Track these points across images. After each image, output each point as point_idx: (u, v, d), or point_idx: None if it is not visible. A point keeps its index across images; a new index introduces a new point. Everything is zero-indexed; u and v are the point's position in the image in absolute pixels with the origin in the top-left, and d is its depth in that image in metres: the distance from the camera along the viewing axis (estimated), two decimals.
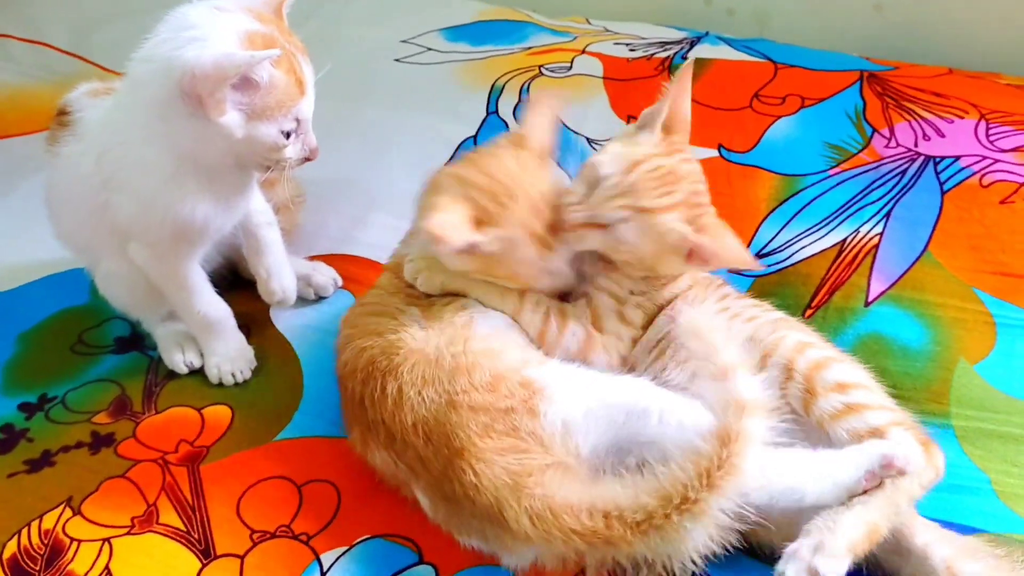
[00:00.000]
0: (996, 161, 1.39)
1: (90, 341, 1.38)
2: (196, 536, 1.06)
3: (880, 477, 0.94)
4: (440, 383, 1.00)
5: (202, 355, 1.30)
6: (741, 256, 1.08)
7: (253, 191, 1.25)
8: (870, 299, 1.28)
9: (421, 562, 1.03)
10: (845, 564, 0.89)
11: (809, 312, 1.29)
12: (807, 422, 1.00)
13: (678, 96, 1.11)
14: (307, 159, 1.17)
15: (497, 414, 0.97)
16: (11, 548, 1.05)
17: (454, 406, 0.98)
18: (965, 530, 1.03)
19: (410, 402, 1.01)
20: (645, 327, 1.13)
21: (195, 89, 1.01)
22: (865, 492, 0.94)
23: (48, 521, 1.08)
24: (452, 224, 1.03)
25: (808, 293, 1.30)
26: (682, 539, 0.89)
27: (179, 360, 1.30)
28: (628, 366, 1.10)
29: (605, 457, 0.98)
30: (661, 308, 1.14)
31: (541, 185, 1.09)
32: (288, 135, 1.11)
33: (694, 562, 0.91)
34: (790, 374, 1.01)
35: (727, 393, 0.88)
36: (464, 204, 1.05)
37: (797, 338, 1.05)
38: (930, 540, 0.96)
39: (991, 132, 1.45)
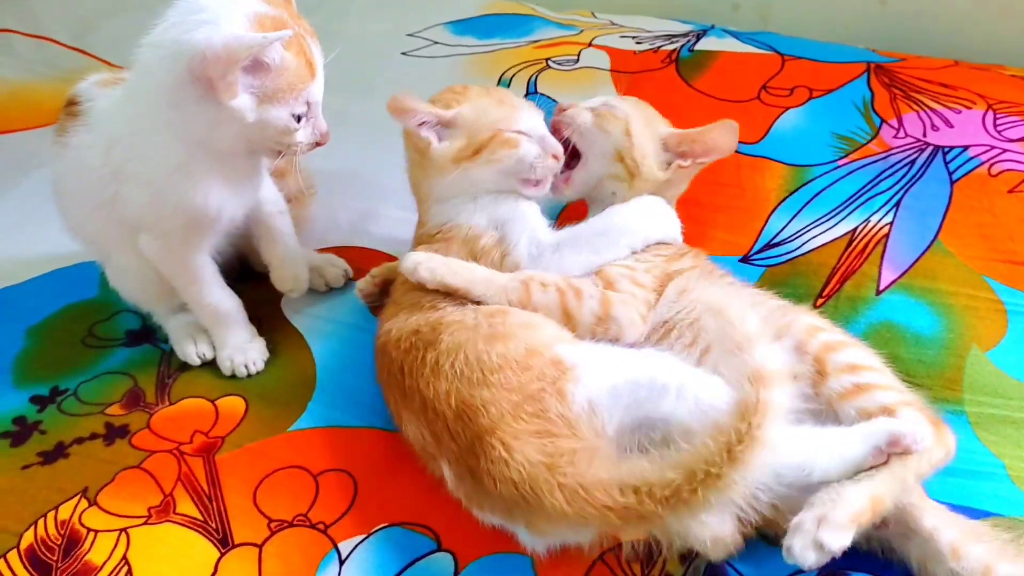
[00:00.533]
0: (1004, 151, 1.40)
1: (101, 334, 1.38)
2: (214, 525, 1.06)
3: (887, 454, 0.94)
4: (476, 350, 1.02)
5: (214, 347, 1.30)
6: (714, 136, 1.24)
7: (263, 178, 1.25)
8: (881, 288, 1.28)
9: (440, 549, 1.03)
10: (849, 535, 0.90)
11: (820, 301, 1.29)
12: (816, 402, 1.01)
13: None
14: (318, 144, 1.17)
15: (527, 395, 0.98)
16: (28, 539, 1.05)
17: (487, 384, 1.00)
18: (980, 515, 1.03)
19: (444, 371, 1.03)
20: (658, 292, 1.15)
21: (206, 72, 1.01)
22: (872, 468, 0.94)
23: (64, 512, 1.08)
24: (412, 101, 1.18)
25: (819, 282, 1.31)
26: (710, 512, 0.90)
27: (192, 352, 1.29)
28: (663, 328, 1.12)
29: (631, 434, 0.98)
30: (670, 277, 1.16)
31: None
32: (299, 119, 1.11)
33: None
34: (801, 356, 1.01)
35: (747, 365, 0.88)
36: (427, 101, 1.22)
37: (809, 321, 1.06)
38: (938, 523, 0.96)
39: (999, 122, 1.45)
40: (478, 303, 1.10)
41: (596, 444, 0.96)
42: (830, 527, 0.89)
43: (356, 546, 1.04)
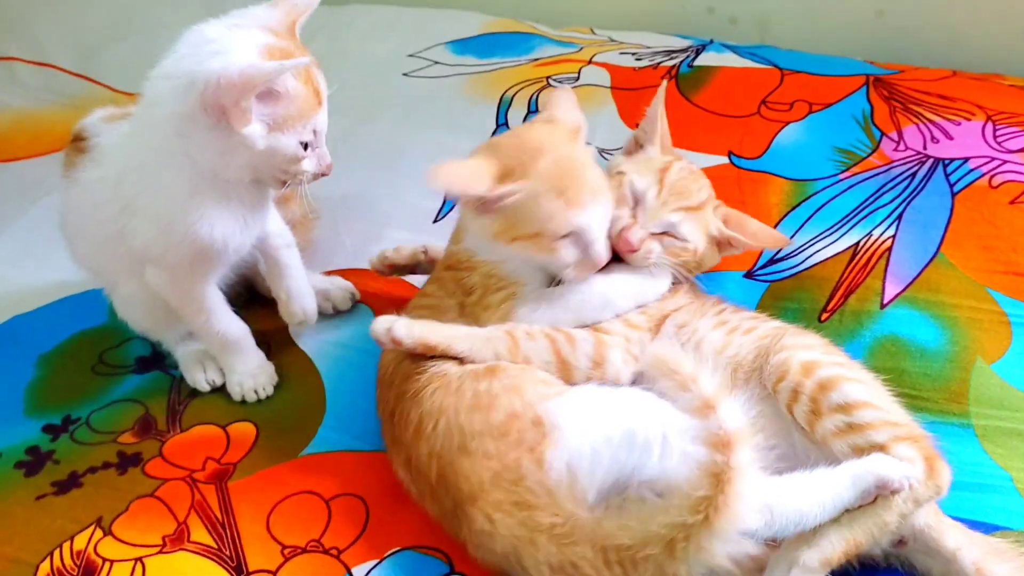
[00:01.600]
0: (1005, 162, 1.41)
1: (111, 361, 1.39)
2: (228, 553, 1.07)
3: (875, 495, 0.95)
4: (458, 419, 1.01)
5: (223, 373, 1.31)
6: (770, 236, 1.24)
7: (269, 209, 1.26)
8: (885, 301, 1.29)
9: (452, 572, 1.04)
10: None
11: (825, 316, 1.30)
12: (811, 438, 1.02)
13: (662, 116, 1.26)
14: (322, 174, 1.18)
15: (506, 464, 0.98)
16: (44, 570, 1.06)
17: (467, 451, 1.00)
18: (989, 528, 1.04)
19: (427, 434, 1.03)
20: (654, 330, 1.15)
21: (219, 99, 1.02)
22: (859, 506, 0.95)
23: (79, 542, 1.09)
24: (469, 173, 1.05)
25: (824, 296, 1.32)
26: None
27: (201, 379, 1.31)
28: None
29: (608, 496, 0.98)
30: (665, 316, 1.16)
31: (571, 151, 1.11)
32: (306, 147, 1.12)
33: None
34: (797, 396, 1.02)
35: (714, 428, 0.86)
36: (488, 160, 1.07)
37: (804, 358, 1.05)
38: (960, 543, 0.97)
39: (998, 133, 1.46)
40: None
41: (575, 513, 0.95)
42: (800, 569, 0.92)
43: (370, 571, 1.05)
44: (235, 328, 1.28)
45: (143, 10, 2.11)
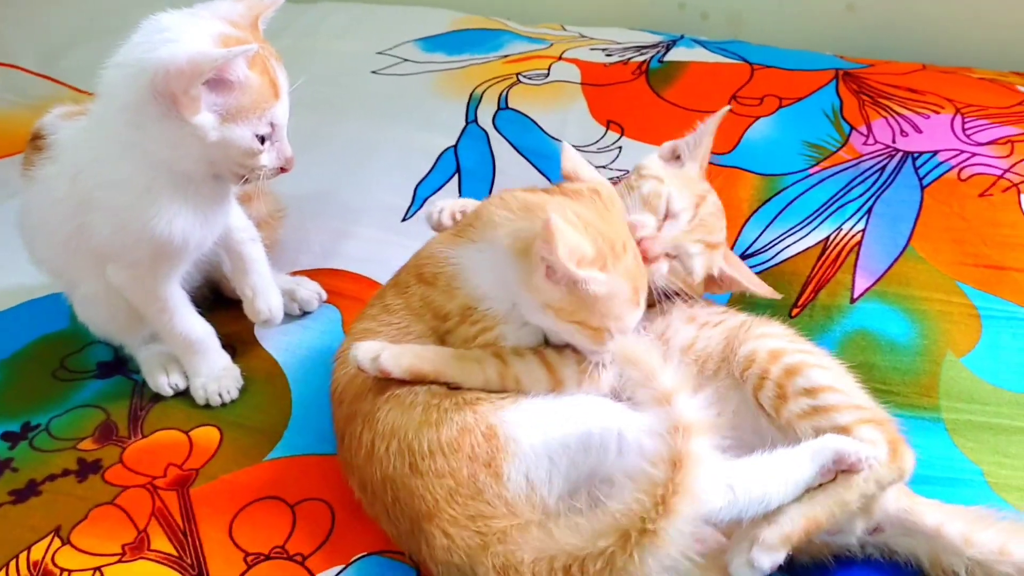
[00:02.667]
0: (973, 155, 1.41)
1: (72, 367, 1.36)
2: (189, 561, 1.05)
3: (834, 472, 0.95)
4: (407, 439, 0.99)
5: (187, 376, 1.28)
6: (760, 287, 1.21)
7: (231, 205, 1.24)
8: (855, 296, 1.28)
9: None
10: (780, 555, 0.92)
11: (796, 311, 1.29)
12: (777, 424, 1.02)
13: (711, 136, 1.24)
14: (283, 169, 1.15)
15: (460, 480, 0.96)
16: None
17: (419, 472, 0.97)
18: None
19: (379, 456, 1.01)
20: None
21: (169, 87, 1.00)
22: (820, 485, 0.95)
23: (36, 552, 1.06)
24: (578, 250, 0.95)
25: (794, 292, 1.31)
26: (639, 570, 0.86)
27: (164, 382, 1.28)
28: None
29: (568, 500, 0.96)
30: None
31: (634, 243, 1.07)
32: (263, 140, 1.10)
33: None
34: (763, 382, 1.02)
35: (671, 417, 0.87)
36: (589, 241, 0.98)
37: (770, 346, 1.06)
38: (941, 518, 0.98)
39: (967, 126, 1.46)
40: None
41: (531, 518, 0.94)
42: (760, 547, 0.92)
43: None
44: (199, 329, 1.26)
45: (109, 11, 2.06)
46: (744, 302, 1.27)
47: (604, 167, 1.52)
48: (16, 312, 1.47)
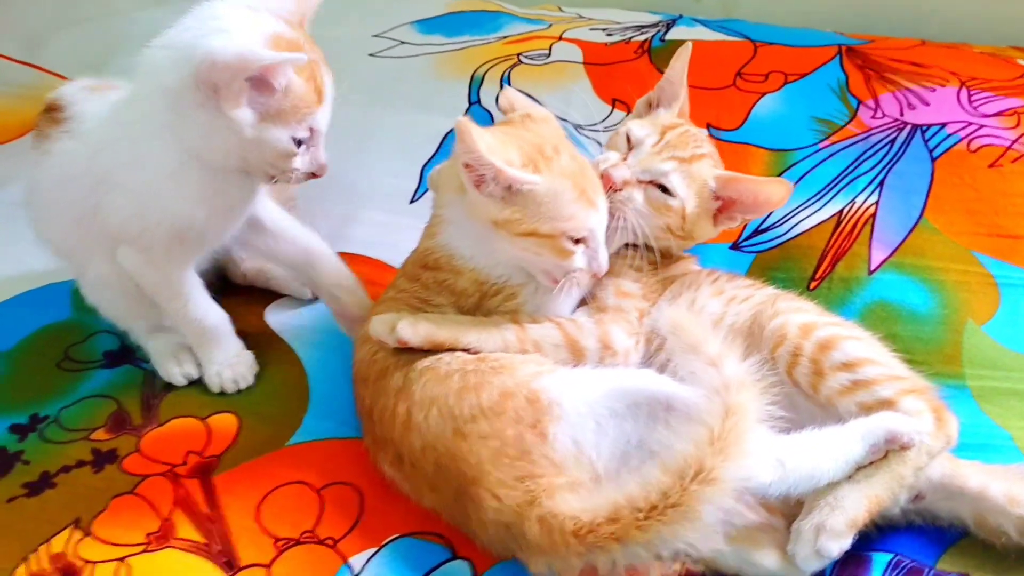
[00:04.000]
0: (981, 127, 1.42)
1: (77, 357, 1.32)
2: (217, 548, 1.02)
3: (885, 450, 0.95)
4: (448, 404, 0.98)
5: (199, 365, 1.25)
6: (768, 183, 1.15)
7: (256, 202, 1.21)
8: (873, 267, 1.29)
9: (455, 557, 1.01)
10: (847, 541, 0.92)
11: (814, 284, 1.29)
12: (815, 401, 1.01)
13: (681, 76, 1.21)
14: (314, 175, 1.13)
15: (505, 440, 0.94)
16: (21, 575, 0.99)
17: (462, 435, 0.96)
18: None
19: (418, 425, 0.99)
20: (651, 300, 1.13)
21: (212, 77, 0.98)
22: (871, 463, 0.95)
23: (57, 544, 1.02)
24: (502, 152, 0.97)
25: (811, 265, 1.31)
26: (697, 515, 0.86)
27: (176, 372, 1.25)
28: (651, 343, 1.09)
29: (619, 465, 0.96)
30: (665, 283, 1.14)
31: (575, 150, 1.07)
32: (299, 143, 1.07)
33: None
34: (797, 359, 1.01)
35: (719, 377, 0.88)
36: (513, 147, 0.99)
37: (800, 320, 1.04)
38: (984, 481, 0.97)
39: (973, 98, 1.47)
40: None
41: (579, 479, 0.93)
42: (828, 535, 0.91)
43: (368, 560, 1.01)
44: (213, 315, 1.23)
45: None
46: (762, 278, 1.27)
47: None
48: (16, 303, 1.43)
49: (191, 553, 1.01)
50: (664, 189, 1.11)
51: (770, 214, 1.35)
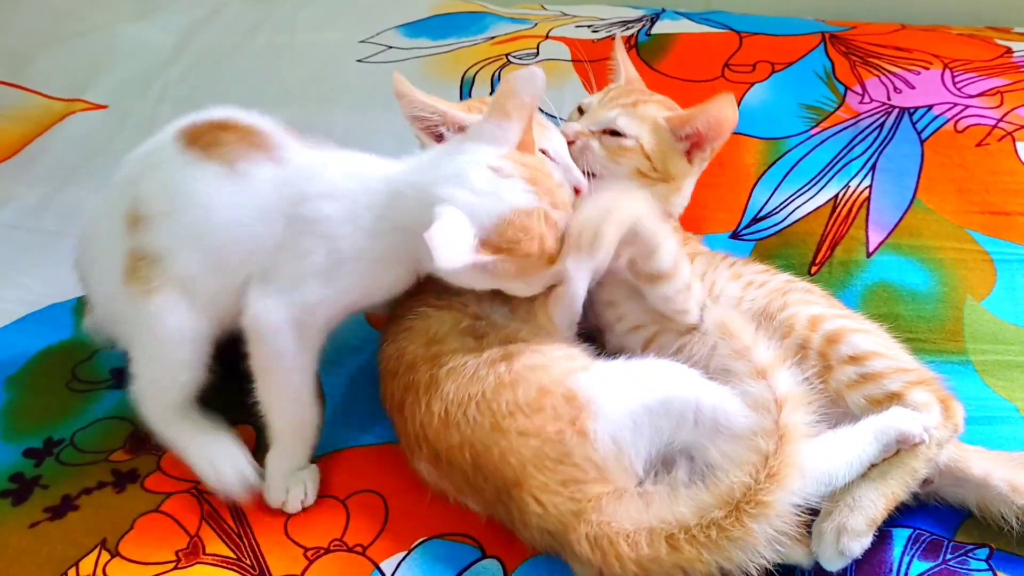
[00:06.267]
0: (967, 107, 1.45)
1: (85, 376, 1.32)
2: (248, 562, 1.03)
3: (896, 449, 0.96)
4: (485, 399, 0.99)
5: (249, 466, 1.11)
6: (715, 107, 1.17)
7: None
8: (871, 250, 1.31)
9: (485, 556, 1.02)
10: (868, 539, 0.94)
11: (814, 269, 1.32)
12: (824, 394, 1.01)
13: (625, 62, 1.35)
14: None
15: (546, 439, 0.95)
16: None
17: (501, 431, 0.97)
18: None
19: (456, 422, 1.00)
20: None
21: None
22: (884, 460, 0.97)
23: (85, 567, 1.02)
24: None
25: (810, 251, 1.34)
26: (753, 542, 0.87)
27: (231, 474, 1.09)
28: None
29: (656, 468, 0.97)
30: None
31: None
32: None
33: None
34: (805, 352, 1.03)
35: (769, 391, 0.89)
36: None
37: (809, 313, 1.07)
38: (987, 468, 0.99)
39: (957, 80, 1.50)
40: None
41: (625, 486, 0.94)
42: (850, 535, 0.93)
43: (399, 564, 1.02)
44: (313, 408, 1.12)
45: (71, 14, 2.01)
46: (764, 256, 1.30)
47: None
48: (15, 328, 1.42)
49: (222, 568, 1.02)
50: (615, 133, 1.18)
51: (766, 213, 1.40)
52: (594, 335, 1.16)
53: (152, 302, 1.06)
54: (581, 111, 1.25)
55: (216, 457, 1.09)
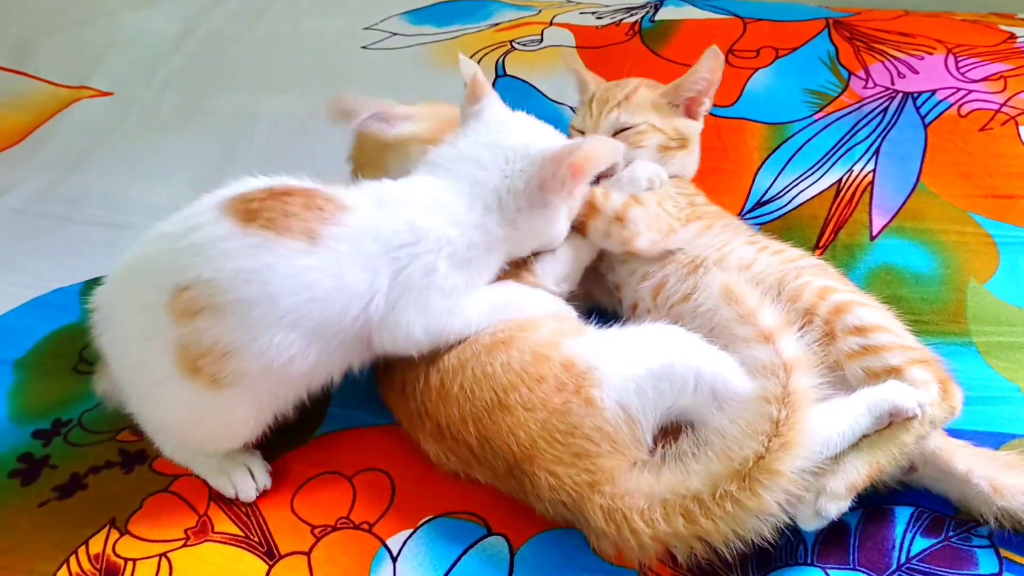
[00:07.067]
0: (970, 92, 1.45)
1: (92, 359, 1.31)
2: (256, 539, 1.03)
3: (890, 421, 0.97)
4: (481, 365, 0.99)
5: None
6: (704, 66, 1.26)
7: None
8: (874, 233, 1.32)
9: (491, 533, 1.03)
10: (846, 503, 0.94)
11: (818, 252, 1.32)
12: (824, 362, 1.01)
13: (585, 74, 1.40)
14: None
15: (552, 410, 0.96)
16: None
17: (505, 407, 0.97)
18: (1005, 438, 1.08)
19: (454, 395, 1.01)
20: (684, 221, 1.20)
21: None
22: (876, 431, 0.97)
23: (95, 545, 1.03)
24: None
25: (814, 234, 1.34)
26: (766, 509, 0.88)
27: (250, 487, 1.08)
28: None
29: (662, 439, 0.98)
30: (696, 214, 1.21)
31: None
32: None
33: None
34: (810, 319, 1.03)
35: (775, 355, 0.89)
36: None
37: (820, 283, 1.08)
38: (970, 464, 0.99)
39: (960, 64, 1.51)
40: None
41: (636, 455, 0.95)
42: (828, 497, 0.93)
43: (405, 541, 1.02)
44: None
45: (77, 2, 2.02)
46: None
47: None
48: (20, 312, 1.43)
49: (230, 545, 1.03)
50: (625, 128, 1.25)
51: (770, 197, 1.41)
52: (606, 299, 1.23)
53: (227, 395, 1.00)
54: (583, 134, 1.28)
55: (234, 474, 1.08)
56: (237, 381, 0.99)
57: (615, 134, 1.24)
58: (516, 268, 1.13)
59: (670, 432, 0.98)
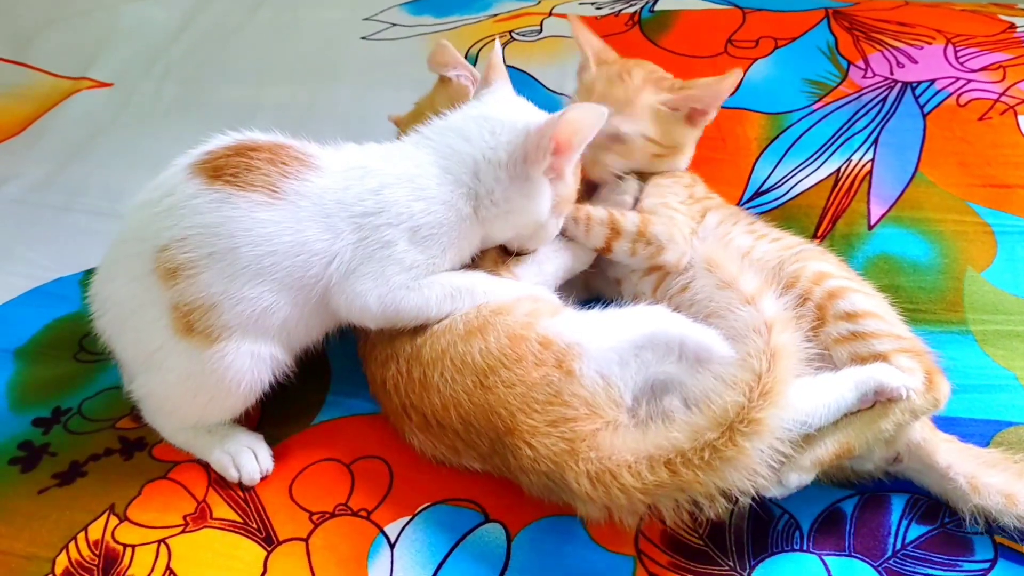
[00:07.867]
0: (969, 81, 1.45)
1: (91, 348, 1.32)
2: (255, 525, 1.04)
3: (872, 400, 0.97)
4: (459, 353, 1.01)
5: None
6: (723, 86, 1.22)
7: None
8: (872, 222, 1.32)
9: (488, 520, 1.03)
10: (809, 477, 0.95)
11: (816, 241, 1.32)
12: (814, 344, 1.02)
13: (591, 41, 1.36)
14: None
15: (531, 384, 0.96)
16: (62, 563, 1.01)
17: (487, 388, 0.98)
18: (1001, 426, 1.08)
19: (435, 384, 1.02)
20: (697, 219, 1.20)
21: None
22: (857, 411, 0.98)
23: (95, 531, 1.04)
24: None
25: (812, 224, 1.34)
26: (748, 461, 0.89)
27: (254, 469, 1.09)
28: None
29: (645, 401, 0.98)
30: (705, 209, 1.21)
31: None
32: None
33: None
34: (804, 303, 1.04)
35: (757, 315, 0.90)
36: None
37: (816, 268, 1.08)
38: (952, 460, 1.00)
39: (959, 54, 1.50)
40: None
41: (618, 419, 0.96)
42: (793, 468, 0.94)
43: (403, 528, 1.03)
44: None
45: None
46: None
47: None
48: (20, 301, 1.44)
49: (229, 532, 1.03)
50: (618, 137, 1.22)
51: (768, 187, 1.41)
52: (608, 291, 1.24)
53: (219, 349, 1.02)
54: None
55: (238, 456, 1.09)
56: (225, 334, 1.02)
57: (607, 139, 1.21)
58: (496, 267, 1.14)
59: (656, 394, 0.98)
